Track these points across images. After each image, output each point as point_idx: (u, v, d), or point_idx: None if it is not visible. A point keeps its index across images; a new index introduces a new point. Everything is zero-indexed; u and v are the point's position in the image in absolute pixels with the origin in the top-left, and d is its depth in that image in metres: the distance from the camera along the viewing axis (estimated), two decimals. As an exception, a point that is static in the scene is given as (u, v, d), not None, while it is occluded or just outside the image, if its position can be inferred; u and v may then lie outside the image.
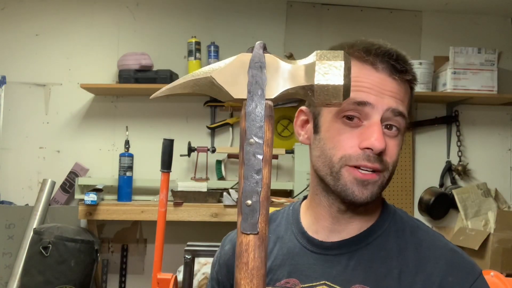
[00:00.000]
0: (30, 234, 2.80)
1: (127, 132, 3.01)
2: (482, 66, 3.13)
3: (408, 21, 3.39)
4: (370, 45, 0.89)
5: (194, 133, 3.22)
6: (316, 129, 0.92)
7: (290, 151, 3.05)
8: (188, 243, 2.19)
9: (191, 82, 0.74)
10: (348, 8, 3.34)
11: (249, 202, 0.66)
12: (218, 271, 1.05)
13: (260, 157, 0.67)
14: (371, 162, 0.85)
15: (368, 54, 0.88)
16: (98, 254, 2.84)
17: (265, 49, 0.71)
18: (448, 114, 3.37)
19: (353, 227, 0.92)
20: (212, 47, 3.13)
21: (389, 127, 0.88)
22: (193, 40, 3.09)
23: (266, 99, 0.68)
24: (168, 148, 2.19)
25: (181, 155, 3.03)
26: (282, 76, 0.69)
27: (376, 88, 0.86)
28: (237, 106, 3.00)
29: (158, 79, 2.99)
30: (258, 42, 0.71)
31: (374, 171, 0.86)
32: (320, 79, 0.67)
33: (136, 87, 3.01)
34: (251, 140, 0.67)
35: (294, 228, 0.98)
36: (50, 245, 2.65)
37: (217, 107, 3.25)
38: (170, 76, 2.98)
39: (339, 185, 0.86)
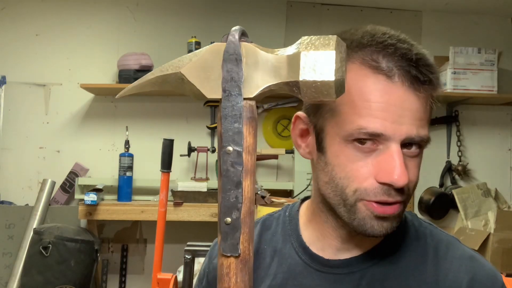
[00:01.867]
0: (30, 234, 2.80)
1: (127, 132, 3.01)
2: (482, 66, 3.13)
3: (408, 21, 3.38)
4: (383, 46, 0.70)
5: (194, 133, 3.22)
6: (320, 148, 0.77)
7: (290, 151, 3.05)
8: (188, 243, 2.18)
9: (160, 79, 0.63)
10: (348, 8, 3.34)
11: (229, 219, 0.58)
12: None
13: (240, 167, 0.57)
14: (392, 196, 0.72)
15: (381, 59, 0.70)
16: (98, 254, 2.84)
17: (244, 35, 0.59)
18: (448, 114, 3.37)
19: (365, 244, 0.81)
20: (212, 47, 3.13)
21: (408, 145, 0.73)
22: (193, 40, 3.09)
23: (245, 99, 0.57)
24: (168, 148, 2.19)
25: (181, 155, 3.03)
26: (263, 70, 0.57)
27: (392, 109, 0.69)
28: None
29: (158, 79, 2.98)
30: (234, 28, 0.58)
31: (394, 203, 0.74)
32: (305, 74, 0.54)
33: (136, 87, 3.00)
34: (228, 148, 0.57)
35: (293, 241, 0.85)
36: (50, 245, 2.65)
37: (217, 107, 3.24)
38: (170, 76, 2.98)
39: (355, 220, 0.74)
